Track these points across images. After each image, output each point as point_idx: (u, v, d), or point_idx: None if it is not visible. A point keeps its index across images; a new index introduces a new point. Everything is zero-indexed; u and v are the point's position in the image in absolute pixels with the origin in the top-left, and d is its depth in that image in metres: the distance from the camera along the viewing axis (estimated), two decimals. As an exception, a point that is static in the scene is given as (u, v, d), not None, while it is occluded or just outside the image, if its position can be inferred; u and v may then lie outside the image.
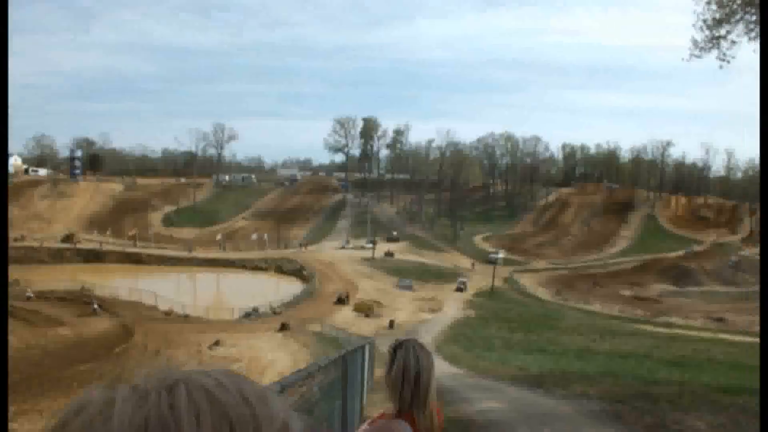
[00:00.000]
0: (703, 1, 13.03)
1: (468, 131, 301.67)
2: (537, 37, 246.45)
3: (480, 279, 68.51)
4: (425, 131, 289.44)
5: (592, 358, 25.82)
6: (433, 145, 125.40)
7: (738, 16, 12.69)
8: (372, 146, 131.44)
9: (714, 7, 12.99)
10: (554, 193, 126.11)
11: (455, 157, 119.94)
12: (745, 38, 12.77)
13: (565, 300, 65.21)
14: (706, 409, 7.63)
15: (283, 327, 35.29)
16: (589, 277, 77.59)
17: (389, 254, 77.62)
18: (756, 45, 12.83)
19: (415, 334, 36.48)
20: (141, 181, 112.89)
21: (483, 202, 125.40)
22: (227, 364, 26.81)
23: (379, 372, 14.87)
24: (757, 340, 41.75)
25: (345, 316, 45.08)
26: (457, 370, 20.07)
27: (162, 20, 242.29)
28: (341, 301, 50.07)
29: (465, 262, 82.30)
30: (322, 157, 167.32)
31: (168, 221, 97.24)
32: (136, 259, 69.23)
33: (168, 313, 43.27)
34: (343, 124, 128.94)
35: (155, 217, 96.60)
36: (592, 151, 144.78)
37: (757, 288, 70.27)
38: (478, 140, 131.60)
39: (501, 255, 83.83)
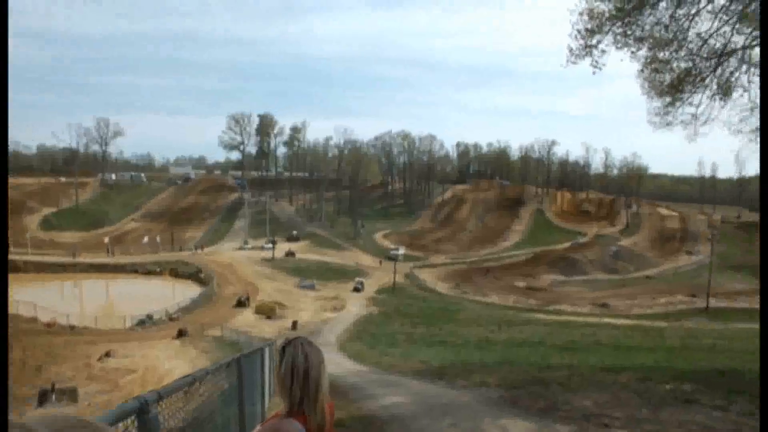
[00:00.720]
0: (576, 12, 13.93)
1: (366, 129, 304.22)
2: (430, 38, 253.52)
3: (382, 276, 69.36)
4: (323, 129, 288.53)
5: (491, 347, 26.87)
6: (332, 142, 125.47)
7: (607, 28, 13.70)
8: (269, 144, 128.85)
9: (586, 18, 13.95)
10: (450, 190, 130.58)
11: (354, 155, 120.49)
12: (613, 48, 13.81)
13: (464, 293, 67.52)
14: (593, 389, 8.16)
15: (181, 333, 33.78)
16: (486, 270, 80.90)
17: (290, 254, 76.64)
18: (623, 54, 13.91)
19: (318, 334, 36.40)
20: (14, 180, 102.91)
21: (382, 200, 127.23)
22: (120, 376, 25.22)
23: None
24: (637, 322, 45.45)
25: (246, 318, 43.93)
26: (362, 367, 20.13)
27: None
28: (241, 303, 48.72)
29: (366, 259, 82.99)
30: (217, 155, 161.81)
31: (47, 224, 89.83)
32: (11, 267, 63.28)
33: (50, 325, 39.87)
34: (238, 121, 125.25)
35: (32, 220, 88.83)
36: (485, 149, 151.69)
37: (635, 274, 76.40)
38: (376, 138, 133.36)
39: (401, 251, 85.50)
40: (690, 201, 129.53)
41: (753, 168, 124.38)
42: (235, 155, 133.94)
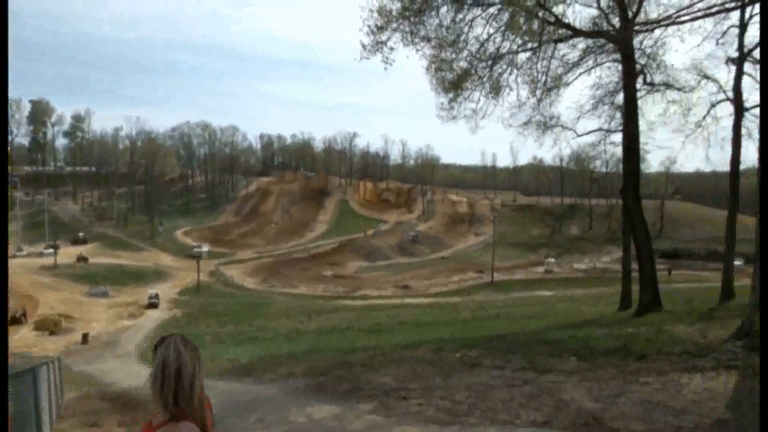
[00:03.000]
0: (367, 9, 14.57)
1: (161, 119, 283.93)
2: (231, 24, 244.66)
3: (185, 275, 65.78)
4: (111, 118, 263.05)
5: (301, 338, 27.09)
6: (122, 133, 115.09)
7: (395, 26, 14.56)
8: (45, 134, 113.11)
9: (376, 15, 14.67)
10: (255, 183, 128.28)
11: (148, 147, 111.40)
12: (401, 45, 14.74)
13: (272, 287, 67.02)
14: (393, 366, 8.69)
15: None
16: (294, 262, 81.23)
17: (83, 259, 68.66)
18: (410, 51, 14.94)
19: (115, 345, 33.32)
20: None
21: (182, 195, 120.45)
22: None
23: (69, 395, 13.08)
24: (435, 300, 49.16)
25: (23, 337, 38.45)
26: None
27: None
28: (16, 320, 42.40)
29: (167, 259, 77.97)
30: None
31: None
32: None
33: None
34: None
35: None
36: (289, 141, 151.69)
37: (431, 256, 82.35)
38: (173, 129, 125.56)
39: (205, 248, 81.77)
40: (475, 188, 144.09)
41: (524, 158, 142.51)
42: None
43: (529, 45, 16.95)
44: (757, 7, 13.02)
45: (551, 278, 67.14)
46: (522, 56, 17.91)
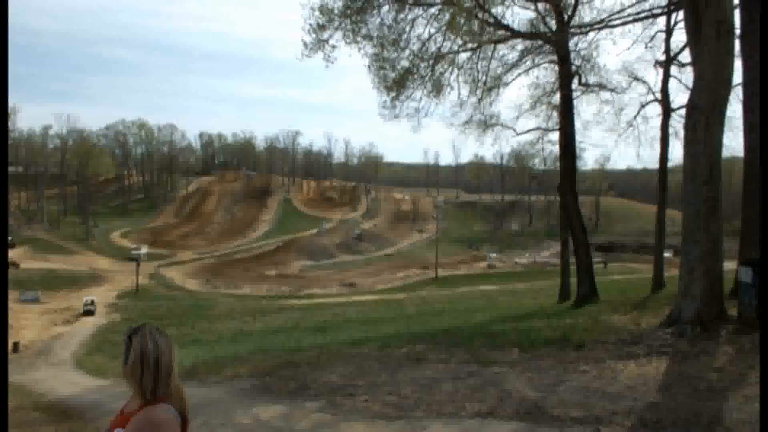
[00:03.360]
0: (308, 6, 14.47)
1: (94, 118, 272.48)
2: (168, 20, 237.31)
3: (123, 279, 63.47)
4: (39, 116, 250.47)
5: (246, 339, 26.64)
6: (51, 132, 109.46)
7: (336, 24, 14.51)
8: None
9: (318, 13, 14.59)
10: (195, 183, 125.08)
11: (81, 146, 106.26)
12: (343, 43, 14.71)
13: (215, 288, 65.59)
14: (339, 363, 8.69)
15: None
16: (237, 263, 79.78)
17: (13, 264, 65.07)
18: (352, 50, 14.93)
19: (49, 353, 31.82)
20: None
21: (118, 195, 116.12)
22: None
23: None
24: (381, 296, 49.37)
25: (-54, 347, 36.09)
26: (103, 381, 18.20)
27: None
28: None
29: (103, 262, 75.02)
30: None
31: None
32: None
33: None
34: None
35: None
36: (230, 140, 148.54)
37: (376, 254, 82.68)
38: (107, 127, 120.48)
39: (144, 250, 79.06)
40: (419, 186, 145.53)
41: (466, 156, 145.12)
42: None
43: (470, 45, 17.27)
44: (681, 14, 13.72)
45: (493, 273, 68.64)
46: (463, 56, 18.26)
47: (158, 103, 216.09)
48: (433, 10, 15.58)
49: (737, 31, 9.62)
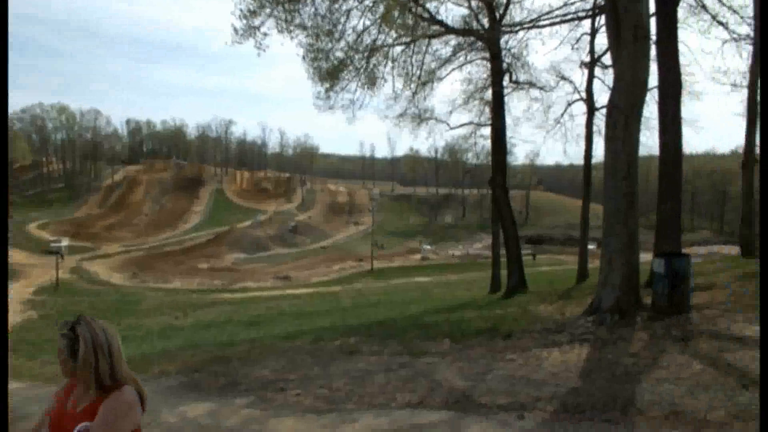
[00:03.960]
0: None
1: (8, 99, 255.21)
2: (91, 1, 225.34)
3: (41, 273, 60.14)
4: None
5: (176, 334, 25.87)
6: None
7: (268, 11, 14.23)
8: None
9: None
10: (121, 172, 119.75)
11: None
12: (275, 31, 14.46)
13: (143, 282, 63.25)
14: (271, 357, 8.61)
15: None
16: (167, 256, 77.25)
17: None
18: (284, 38, 14.71)
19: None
20: None
21: (35, 184, 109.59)
22: None
23: None
24: (316, 289, 49.16)
25: None
26: (18, 384, 17.22)
27: None
28: None
29: (19, 256, 70.74)
30: None
31: None
32: None
33: None
34: None
35: None
36: (159, 127, 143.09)
37: (312, 246, 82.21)
38: (24, 111, 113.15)
39: (64, 243, 75.08)
40: (354, 178, 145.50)
41: (401, 149, 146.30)
42: None
43: (404, 39, 17.40)
44: (604, 18, 14.35)
45: (428, 265, 69.69)
46: (397, 49, 18.38)
47: (81, 89, 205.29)
48: (367, 2, 15.58)
49: (654, 37, 10.18)
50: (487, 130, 23.20)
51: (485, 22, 19.89)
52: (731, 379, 5.95)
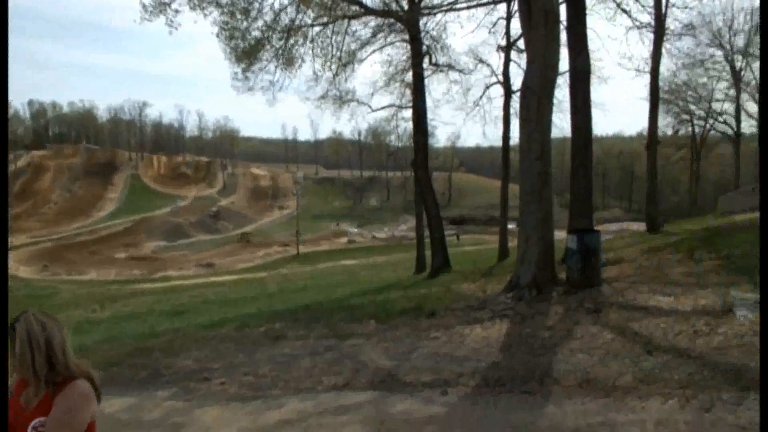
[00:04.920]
0: None
1: None
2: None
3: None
4: None
5: (93, 328, 24.55)
6: None
7: None
8: None
9: None
10: (25, 157, 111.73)
11: None
12: (187, 8, 13.87)
13: (55, 275, 59.72)
14: (194, 347, 8.40)
15: None
16: (80, 246, 73.25)
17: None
18: (197, 16, 14.14)
19: None
20: None
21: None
22: None
23: None
24: (241, 276, 48.16)
25: None
26: None
27: None
28: None
29: None
30: None
31: None
32: None
33: None
34: None
35: None
36: (66, 109, 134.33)
37: (235, 232, 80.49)
38: None
39: (-37, 236, 69.67)
40: (277, 161, 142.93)
41: (325, 131, 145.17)
42: None
43: (323, 19, 17.18)
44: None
45: (354, 248, 69.93)
46: (316, 29, 18.11)
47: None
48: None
49: (565, 23, 10.58)
50: (408, 113, 23.43)
51: (404, 3, 19.96)
52: (637, 346, 6.38)
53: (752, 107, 49.23)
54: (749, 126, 50.42)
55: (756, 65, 46.67)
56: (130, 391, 6.52)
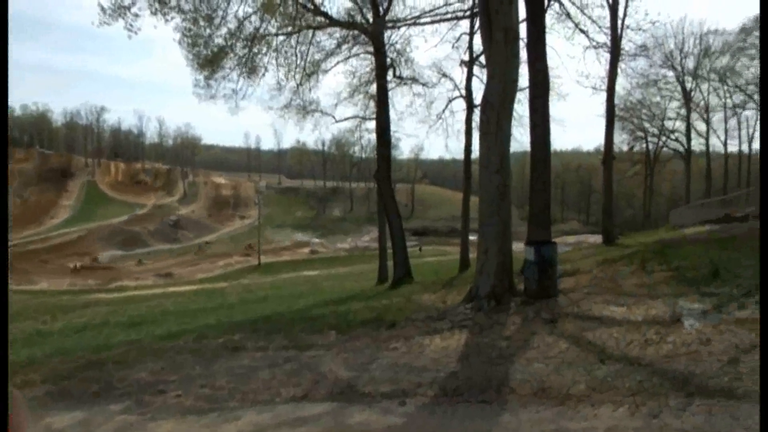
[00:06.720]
0: None
1: None
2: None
3: None
4: None
5: (44, 341, 23.66)
6: None
7: None
8: None
9: None
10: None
11: None
12: (148, 12, 13.65)
13: (2, 284, 57.39)
14: (150, 359, 8.21)
15: None
16: (30, 254, 70.71)
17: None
18: (158, 21, 13.95)
19: None
20: None
21: None
22: None
23: None
24: (201, 286, 47.24)
25: None
26: None
27: None
28: None
29: None
30: None
31: None
32: None
33: None
34: None
35: None
36: (18, 111, 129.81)
37: (195, 241, 79.06)
38: None
39: None
40: (239, 170, 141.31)
41: (288, 141, 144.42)
42: None
43: (287, 29, 17.18)
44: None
45: (317, 258, 69.55)
46: (280, 39, 18.09)
47: None
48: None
49: (525, 40, 10.86)
50: (372, 124, 23.55)
51: (369, 16, 20.13)
52: (591, 355, 6.55)
53: (701, 126, 51.49)
54: (699, 144, 52.67)
55: (705, 87, 48.87)
56: (81, 406, 6.32)
